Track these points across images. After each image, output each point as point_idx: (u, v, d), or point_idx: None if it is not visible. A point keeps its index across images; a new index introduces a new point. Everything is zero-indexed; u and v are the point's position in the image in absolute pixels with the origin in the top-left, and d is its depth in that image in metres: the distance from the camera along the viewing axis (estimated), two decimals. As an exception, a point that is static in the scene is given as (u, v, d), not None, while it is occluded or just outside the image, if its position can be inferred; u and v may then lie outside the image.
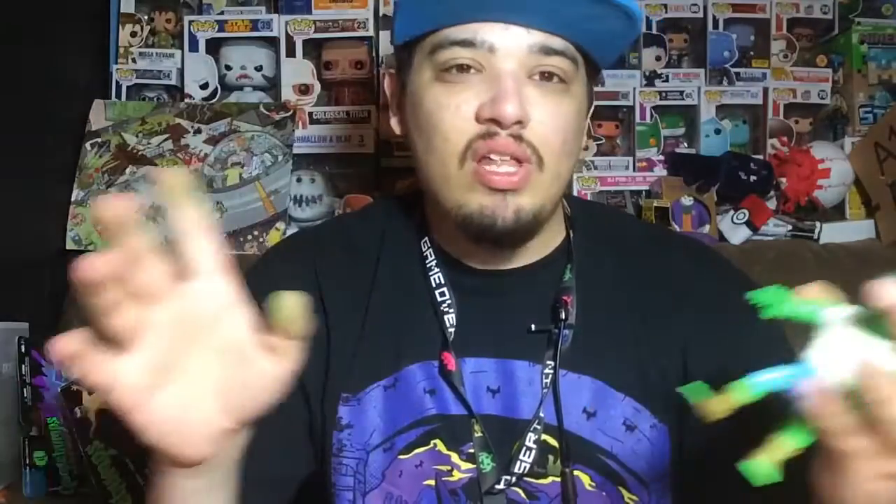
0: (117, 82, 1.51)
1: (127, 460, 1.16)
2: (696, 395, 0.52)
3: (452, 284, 0.81)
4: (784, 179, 1.43)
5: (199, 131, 1.45)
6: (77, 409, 1.17)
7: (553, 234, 0.83)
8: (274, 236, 1.38)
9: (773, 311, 0.52)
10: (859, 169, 1.46)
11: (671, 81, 1.53)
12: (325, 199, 1.47)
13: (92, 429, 1.17)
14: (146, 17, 1.53)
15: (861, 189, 1.48)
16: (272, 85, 1.51)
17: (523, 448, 0.76)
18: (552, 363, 0.77)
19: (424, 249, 0.83)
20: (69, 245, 1.40)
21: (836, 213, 1.49)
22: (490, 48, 0.72)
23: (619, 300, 0.81)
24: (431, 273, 0.82)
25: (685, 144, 1.54)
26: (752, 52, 1.55)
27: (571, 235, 0.84)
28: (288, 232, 1.40)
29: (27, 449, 1.23)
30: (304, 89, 1.50)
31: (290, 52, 1.50)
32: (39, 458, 1.23)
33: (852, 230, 1.46)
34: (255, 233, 1.39)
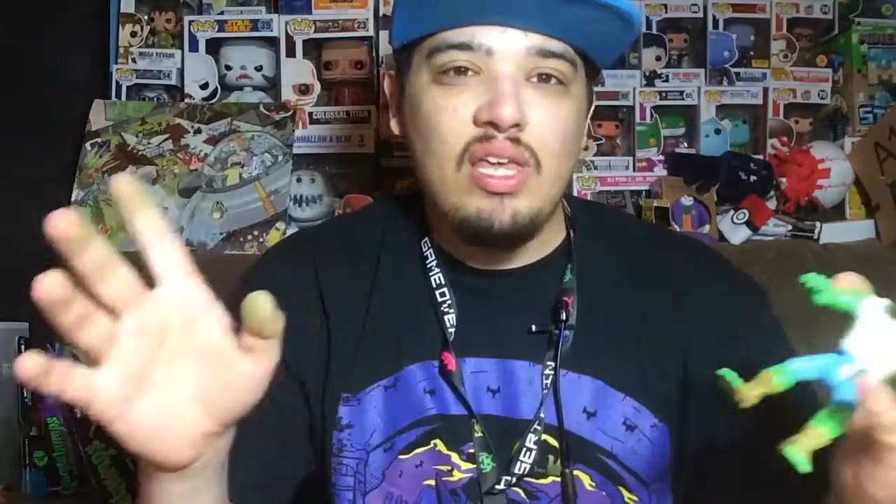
0: (117, 82, 1.50)
1: (127, 460, 1.16)
2: (731, 380, 0.52)
3: (453, 284, 0.81)
4: (784, 179, 1.43)
5: (199, 131, 1.45)
6: (77, 409, 1.17)
7: (553, 234, 0.83)
8: (274, 236, 1.38)
9: (822, 297, 0.52)
10: (859, 169, 1.46)
11: (671, 81, 1.52)
12: (325, 199, 1.46)
13: (92, 429, 1.17)
14: (146, 17, 1.53)
15: (861, 189, 1.47)
16: (272, 85, 1.51)
17: (523, 448, 0.76)
18: (552, 363, 0.77)
19: (425, 250, 0.83)
20: (69, 245, 1.39)
21: (836, 213, 1.49)
22: (487, 51, 0.72)
23: (620, 300, 0.81)
24: (432, 273, 0.82)
25: (685, 144, 1.54)
26: (752, 52, 1.54)
27: (572, 236, 0.84)
28: (288, 232, 1.40)
29: (27, 449, 1.22)
30: (304, 89, 1.50)
31: (290, 52, 1.50)
32: (39, 458, 1.23)
33: (852, 230, 1.45)
34: (255, 233, 1.39)
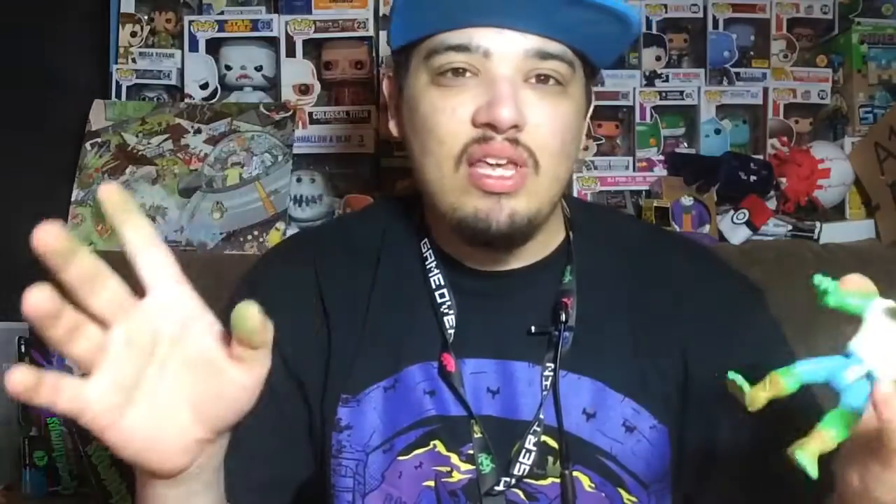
0: (117, 82, 1.50)
1: (127, 460, 1.16)
2: (740, 384, 0.51)
3: (452, 285, 0.81)
4: (784, 179, 1.43)
5: (199, 131, 1.45)
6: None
7: (552, 235, 0.83)
8: (274, 236, 1.38)
9: (830, 299, 0.51)
10: (859, 169, 1.45)
11: (671, 81, 1.52)
12: (325, 199, 1.46)
13: (92, 429, 1.17)
14: (146, 17, 1.53)
15: (861, 189, 1.47)
16: (272, 85, 1.51)
17: (523, 450, 0.76)
18: (552, 365, 0.77)
19: (424, 250, 0.83)
20: (69, 245, 1.39)
21: (836, 213, 1.49)
22: (485, 53, 0.72)
23: (619, 301, 0.81)
24: (431, 274, 0.82)
25: (685, 144, 1.54)
26: (752, 52, 1.54)
27: (571, 237, 0.84)
28: (288, 232, 1.40)
29: (27, 449, 1.22)
30: (304, 89, 1.50)
31: (290, 52, 1.50)
32: (39, 458, 1.23)
33: (852, 230, 1.45)
34: (255, 233, 1.39)
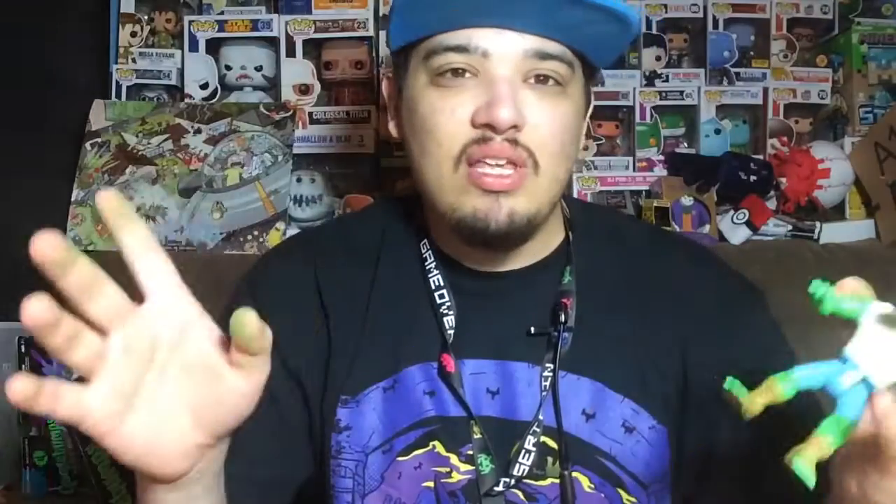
0: (117, 82, 1.50)
1: (127, 460, 1.16)
2: (737, 392, 0.50)
3: (452, 286, 0.81)
4: (784, 179, 1.43)
5: (199, 131, 1.45)
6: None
7: (552, 235, 0.83)
8: (274, 236, 1.38)
9: (827, 305, 0.50)
10: (859, 169, 1.46)
11: (671, 81, 1.52)
12: (325, 199, 1.47)
13: (92, 429, 1.17)
14: (146, 17, 1.53)
15: (861, 189, 1.47)
16: (272, 85, 1.51)
17: (522, 450, 0.76)
18: (551, 365, 0.77)
19: (424, 251, 0.83)
20: (69, 245, 1.39)
21: (836, 213, 1.49)
22: (484, 53, 0.72)
23: (619, 301, 0.81)
24: (431, 275, 0.82)
25: (685, 144, 1.54)
26: (752, 52, 1.54)
27: (570, 237, 0.84)
28: (288, 232, 1.40)
29: (27, 449, 1.22)
30: (304, 89, 1.50)
31: (290, 52, 1.50)
32: (39, 458, 1.23)
33: (852, 230, 1.45)
34: (255, 233, 1.39)
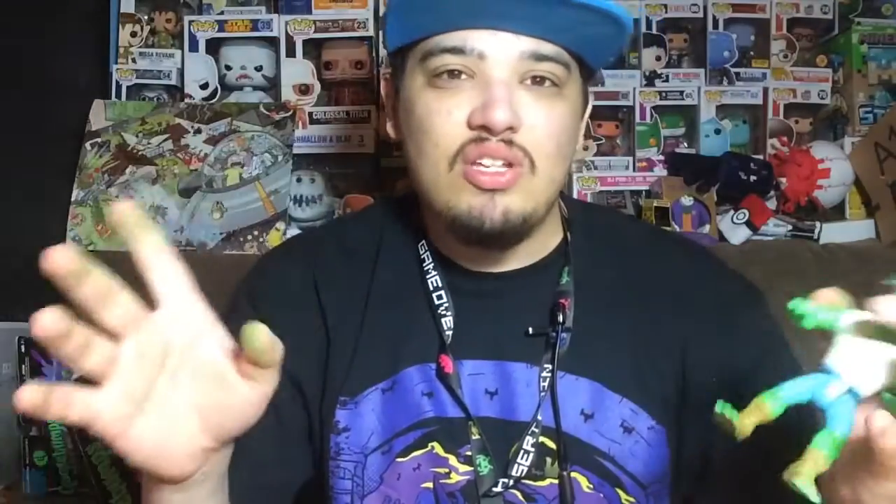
0: (117, 82, 1.51)
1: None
2: (730, 416, 0.50)
3: (450, 287, 0.81)
4: (784, 179, 1.43)
5: (199, 131, 1.45)
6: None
7: (549, 236, 0.83)
8: (274, 236, 1.38)
9: (807, 321, 0.50)
10: (859, 169, 1.45)
11: (671, 81, 1.53)
12: (325, 199, 1.47)
13: (92, 429, 1.17)
14: (146, 17, 1.53)
15: (861, 189, 1.47)
16: (272, 85, 1.51)
17: (521, 451, 0.76)
18: (550, 366, 0.77)
19: (422, 252, 0.83)
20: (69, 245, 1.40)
21: (836, 213, 1.49)
22: (479, 55, 0.72)
23: (618, 302, 0.81)
24: (429, 276, 0.82)
25: (685, 144, 1.54)
26: (752, 52, 1.54)
27: (569, 237, 0.84)
28: (288, 232, 1.40)
29: (27, 449, 1.22)
30: (304, 89, 1.50)
31: (290, 52, 1.50)
32: (39, 458, 1.23)
33: (852, 230, 1.45)
34: (255, 233, 1.39)
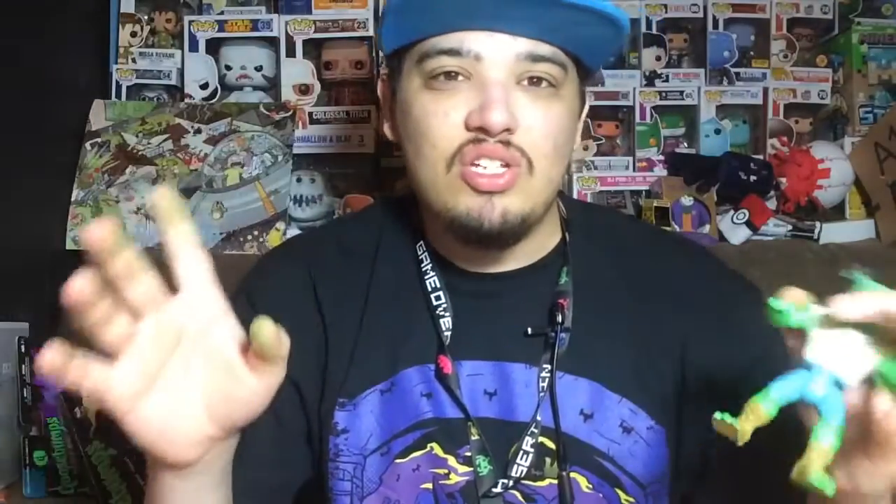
0: (117, 82, 1.51)
1: (127, 460, 1.17)
2: (731, 422, 0.51)
3: (448, 287, 0.81)
4: (784, 179, 1.43)
5: (199, 131, 1.45)
6: (77, 409, 1.17)
7: (548, 236, 0.83)
8: (274, 236, 1.38)
9: (780, 319, 0.51)
10: (859, 169, 1.46)
11: (671, 81, 1.53)
12: (325, 199, 1.47)
13: (92, 429, 1.17)
14: (146, 17, 1.53)
15: (861, 189, 1.48)
16: (272, 85, 1.51)
17: (520, 451, 0.76)
18: (549, 366, 0.77)
19: (420, 252, 0.83)
20: (69, 245, 1.39)
21: (836, 213, 1.49)
22: (476, 56, 0.72)
23: (617, 302, 0.81)
24: (427, 276, 0.82)
25: (685, 144, 1.54)
26: (752, 52, 1.55)
27: (567, 238, 0.84)
28: (288, 232, 1.40)
29: (27, 449, 1.22)
30: (304, 89, 1.50)
31: (290, 52, 1.50)
32: (39, 458, 1.23)
33: (852, 230, 1.45)
34: (255, 233, 1.39)
